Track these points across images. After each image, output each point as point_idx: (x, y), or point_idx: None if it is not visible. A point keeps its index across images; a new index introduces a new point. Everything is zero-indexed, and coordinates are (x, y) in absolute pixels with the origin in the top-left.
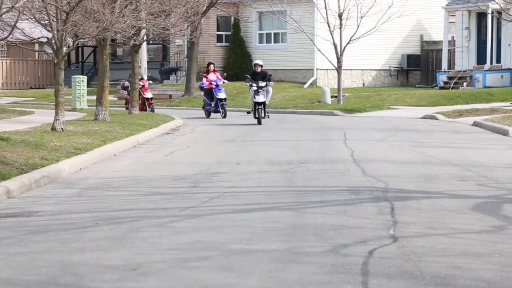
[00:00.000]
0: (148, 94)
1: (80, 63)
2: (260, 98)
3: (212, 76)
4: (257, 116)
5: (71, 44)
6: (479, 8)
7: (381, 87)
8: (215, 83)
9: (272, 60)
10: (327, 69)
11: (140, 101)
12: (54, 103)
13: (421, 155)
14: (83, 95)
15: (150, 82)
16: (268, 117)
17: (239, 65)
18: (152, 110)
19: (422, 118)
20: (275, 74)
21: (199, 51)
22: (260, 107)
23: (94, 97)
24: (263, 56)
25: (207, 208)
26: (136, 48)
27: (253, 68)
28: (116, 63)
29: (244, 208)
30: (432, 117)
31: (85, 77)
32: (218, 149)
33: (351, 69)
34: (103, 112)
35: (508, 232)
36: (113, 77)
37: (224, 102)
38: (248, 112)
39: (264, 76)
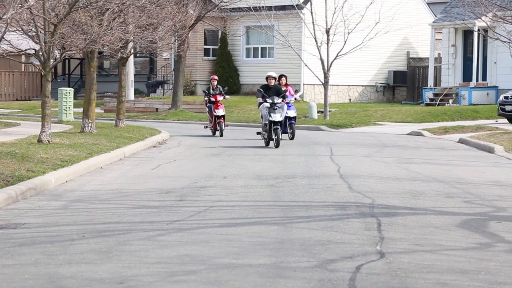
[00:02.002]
0: (220, 112)
1: (67, 75)
2: (277, 117)
3: None
4: (274, 137)
5: (58, 56)
6: (466, 26)
7: (368, 103)
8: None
9: (259, 74)
10: (313, 84)
11: (212, 119)
12: (40, 115)
13: (407, 171)
14: (69, 107)
15: (227, 96)
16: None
17: (226, 79)
18: (221, 133)
19: (408, 134)
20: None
21: (186, 65)
22: (278, 127)
23: (81, 110)
24: (250, 71)
25: (194, 222)
26: (123, 61)
27: (266, 80)
28: (103, 76)
29: (231, 222)
30: (418, 134)
31: (72, 89)
32: (205, 162)
33: (338, 85)
34: (90, 125)
35: (494, 250)
36: (100, 90)
37: (293, 122)
38: (259, 133)
39: (278, 90)
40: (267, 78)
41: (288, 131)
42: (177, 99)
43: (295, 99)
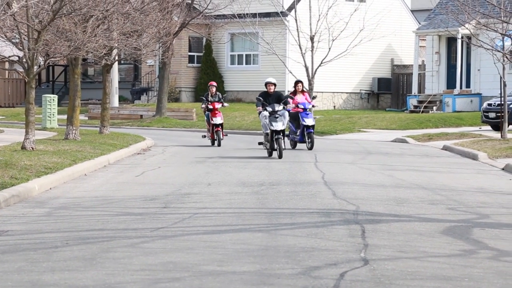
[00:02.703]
0: (217, 120)
1: (51, 82)
2: (278, 126)
3: (300, 98)
4: (276, 147)
5: (42, 63)
6: (449, 33)
7: (352, 110)
8: (302, 106)
9: (244, 81)
10: None
11: (210, 127)
12: (24, 122)
13: (392, 178)
14: (53, 114)
15: (226, 104)
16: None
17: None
18: (219, 142)
19: (392, 141)
20: (246, 95)
21: (171, 72)
22: (280, 136)
23: (65, 116)
24: (234, 77)
25: (178, 229)
26: (107, 68)
27: (265, 86)
28: (87, 83)
29: (216, 229)
30: (403, 141)
31: (56, 96)
32: (189, 169)
33: (322, 92)
34: (74, 132)
35: (478, 257)
36: (84, 97)
37: (312, 130)
38: (260, 143)
39: (279, 97)
40: (266, 84)
41: (306, 140)
42: (161, 106)
43: (312, 106)
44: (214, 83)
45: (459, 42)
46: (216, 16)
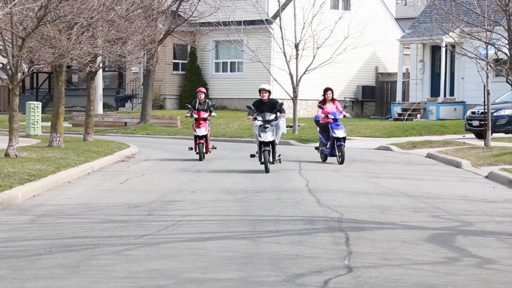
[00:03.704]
0: (201, 131)
1: (35, 89)
2: (267, 136)
3: (330, 107)
4: (263, 160)
5: (26, 70)
6: (434, 42)
7: None
8: (332, 117)
9: (228, 89)
10: (282, 99)
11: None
12: (7, 129)
13: (376, 186)
14: (37, 121)
15: (214, 114)
16: (280, 162)
17: (195, 93)
18: (201, 156)
19: (376, 149)
20: (231, 103)
21: (155, 79)
22: (268, 148)
23: (49, 124)
24: (219, 85)
25: (162, 236)
26: (92, 75)
27: (259, 93)
28: (72, 90)
29: (200, 236)
30: (387, 148)
31: (40, 103)
32: (173, 177)
33: (307, 99)
34: (58, 139)
35: (461, 264)
36: (68, 104)
37: (342, 143)
38: (252, 155)
39: (273, 106)
40: (260, 91)
41: (337, 154)
42: (146, 113)
43: (343, 116)
44: (203, 89)
45: (443, 50)
46: (201, 24)
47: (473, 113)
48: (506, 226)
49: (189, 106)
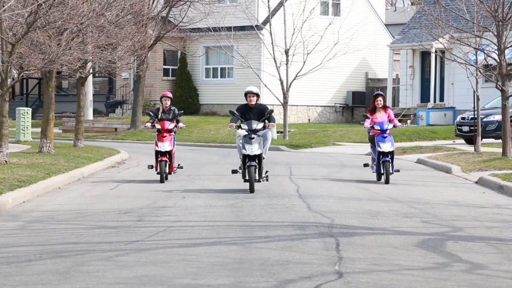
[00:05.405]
0: (164, 146)
1: (25, 95)
2: (253, 149)
3: (380, 116)
4: (248, 178)
5: (16, 76)
6: (423, 47)
7: (327, 123)
8: (379, 127)
9: (219, 95)
10: (273, 105)
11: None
12: None
13: (366, 191)
14: (27, 127)
15: (181, 125)
16: (267, 180)
17: (185, 99)
18: (162, 178)
19: (367, 154)
20: (221, 109)
21: (146, 85)
22: (254, 163)
23: (39, 129)
24: (209, 91)
25: (152, 242)
26: (82, 81)
27: (245, 98)
28: (62, 96)
29: (190, 242)
30: None
31: (30, 109)
32: (164, 182)
33: (297, 105)
34: (48, 145)
35: (451, 269)
36: (58, 110)
37: (388, 159)
38: (234, 171)
39: (262, 113)
40: (246, 94)
41: (382, 171)
42: (136, 119)
43: (394, 126)
44: (169, 94)
45: (433, 56)
46: (191, 30)
47: (463, 118)
48: (496, 231)
49: (151, 113)
